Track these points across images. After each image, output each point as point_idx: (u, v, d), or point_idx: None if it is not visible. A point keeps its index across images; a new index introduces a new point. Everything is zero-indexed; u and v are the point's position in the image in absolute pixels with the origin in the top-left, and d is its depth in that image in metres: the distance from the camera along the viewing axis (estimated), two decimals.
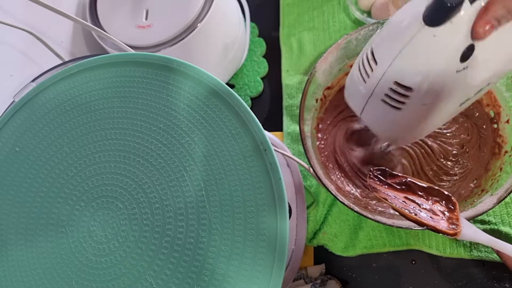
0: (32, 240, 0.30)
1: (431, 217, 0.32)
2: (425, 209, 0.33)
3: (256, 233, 0.28)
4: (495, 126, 0.41)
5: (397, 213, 0.37)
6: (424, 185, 0.34)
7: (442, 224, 0.32)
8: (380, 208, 0.40)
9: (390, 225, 0.35)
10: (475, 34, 0.25)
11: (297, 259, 0.42)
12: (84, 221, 0.30)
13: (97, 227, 0.30)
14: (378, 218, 0.36)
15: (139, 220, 0.29)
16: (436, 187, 0.34)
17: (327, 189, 0.37)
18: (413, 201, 0.34)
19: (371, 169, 0.36)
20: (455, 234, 0.31)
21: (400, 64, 0.27)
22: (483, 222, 0.42)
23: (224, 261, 0.27)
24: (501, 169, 0.38)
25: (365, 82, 0.30)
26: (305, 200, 0.44)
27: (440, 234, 0.31)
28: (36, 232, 0.30)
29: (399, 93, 0.28)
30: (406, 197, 0.34)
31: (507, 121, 0.39)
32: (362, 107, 0.32)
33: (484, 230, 0.41)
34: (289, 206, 0.38)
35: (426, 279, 0.43)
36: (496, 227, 0.41)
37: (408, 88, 0.27)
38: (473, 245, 0.42)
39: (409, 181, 0.35)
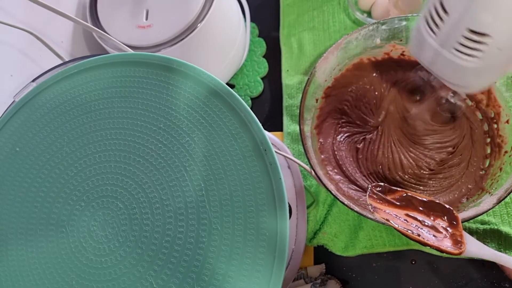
0: (32, 240, 0.30)
1: (434, 235, 0.32)
2: (427, 226, 0.33)
3: (256, 233, 0.28)
4: (495, 126, 0.41)
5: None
6: (424, 199, 0.34)
7: (446, 243, 0.31)
8: None
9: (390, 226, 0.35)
10: None
11: (297, 259, 0.42)
12: (85, 221, 0.30)
13: (97, 227, 0.30)
14: (378, 218, 0.36)
15: (139, 220, 0.29)
16: (437, 201, 0.34)
17: (327, 189, 0.37)
18: (415, 218, 0.33)
19: (370, 186, 0.36)
20: (460, 253, 0.31)
21: (474, 11, 0.26)
22: (483, 222, 0.42)
23: (224, 261, 0.27)
24: (501, 169, 0.38)
25: (435, 33, 0.29)
26: (305, 200, 0.44)
27: (445, 253, 0.31)
28: (37, 232, 0.30)
29: (475, 41, 0.27)
30: (407, 214, 0.34)
31: (507, 121, 0.39)
32: (431, 58, 0.31)
33: (484, 230, 0.41)
34: (289, 206, 0.38)
35: (426, 279, 0.43)
36: (496, 227, 0.41)
37: (484, 35, 0.27)
38: None
39: (409, 195, 0.34)
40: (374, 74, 0.45)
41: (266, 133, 0.30)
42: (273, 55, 0.57)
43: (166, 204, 0.29)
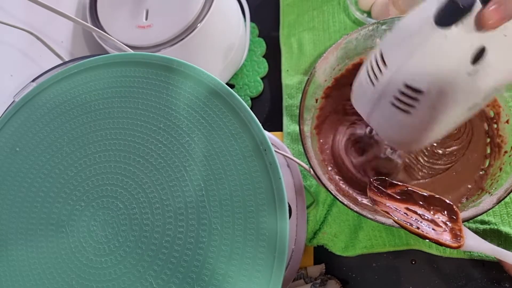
0: (32, 240, 0.30)
1: (433, 229, 0.32)
2: (426, 220, 0.33)
3: (256, 233, 0.28)
4: (495, 126, 0.41)
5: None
6: (425, 194, 0.34)
7: (445, 237, 0.31)
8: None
9: (390, 225, 0.35)
10: (479, 22, 0.24)
11: (297, 259, 0.42)
12: (84, 221, 0.30)
13: (97, 227, 0.30)
14: (378, 218, 0.36)
15: (139, 220, 0.29)
16: (437, 196, 0.34)
17: (327, 189, 0.37)
18: (415, 212, 0.33)
19: (371, 180, 0.36)
20: (459, 247, 0.31)
21: (410, 66, 0.27)
22: (483, 222, 0.42)
23: (224, 261, 0.27)
24: (500, 169, 0.38)
25: (374, 85, 0.29)
26: (305, 200, 0.44)
27: (444, 247, 0.31)
28: (37, 232, 0.30)
29: (409, 96, 0.27)
30: (407, 208, 0.34)
31: (507, 121, 0.39)
32: (369, 111, 0.31)
33: (484, 230, 0.41)
34: (289, 206, 0.38)
35: (426, 279, 0.43)
36: (496, 227, 0.41)
37: (419, 91, 0.27)
38: None
39: (410, 190, 0.34)
40: None
41: (266, 133, 0.30)
42: (273, 55, 0.57)
43: (166, 204, 0.29)
